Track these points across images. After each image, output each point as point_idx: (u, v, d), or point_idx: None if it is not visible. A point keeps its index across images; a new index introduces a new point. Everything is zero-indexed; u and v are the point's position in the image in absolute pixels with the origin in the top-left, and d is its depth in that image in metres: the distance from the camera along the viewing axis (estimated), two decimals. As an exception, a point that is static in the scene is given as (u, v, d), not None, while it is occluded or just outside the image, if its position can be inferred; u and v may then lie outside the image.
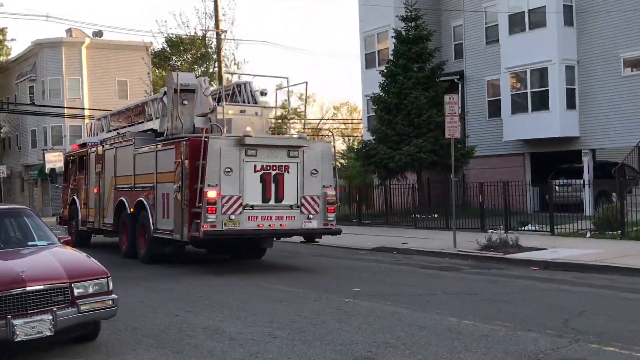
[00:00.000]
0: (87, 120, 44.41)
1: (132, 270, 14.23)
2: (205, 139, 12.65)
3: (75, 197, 19.92)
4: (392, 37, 29.35)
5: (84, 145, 20.21)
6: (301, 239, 13.76)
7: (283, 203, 13.09)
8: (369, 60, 33.34)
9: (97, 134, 21.32)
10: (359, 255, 17.12)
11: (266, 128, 14.76)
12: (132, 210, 15.18)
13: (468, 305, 9.42)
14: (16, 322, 6.51)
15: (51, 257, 7.57)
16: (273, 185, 12.99)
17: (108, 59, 49.44)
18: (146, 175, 15.06)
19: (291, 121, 59.29)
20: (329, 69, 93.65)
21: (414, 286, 11.39)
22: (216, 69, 34.41)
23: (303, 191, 13.23)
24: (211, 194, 12.49)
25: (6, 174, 46.70)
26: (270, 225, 12.97)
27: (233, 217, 12.65)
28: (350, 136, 61.78)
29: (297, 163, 13.21)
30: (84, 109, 44.84)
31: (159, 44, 56.80)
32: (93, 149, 18.71)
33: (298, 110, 62.74)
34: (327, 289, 11.23)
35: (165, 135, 14.91)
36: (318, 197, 13.33)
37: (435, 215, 24.24)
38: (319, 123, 60.58)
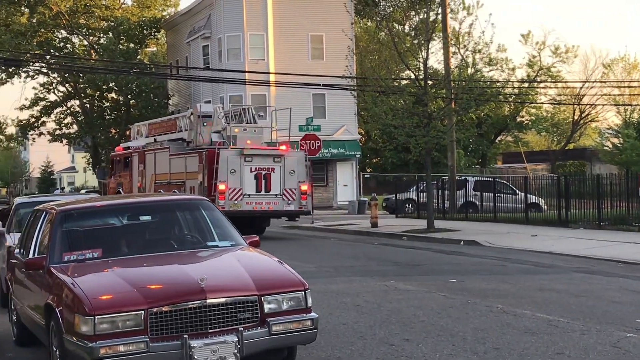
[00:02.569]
0: (272, 88, 47.00)
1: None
2: (218, 151, 26.48)
3: (120, 190, 33.68)
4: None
5: (127, 148, 34.81)
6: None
7: (270, 193, 26.66)
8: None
9: (136, 138, 36.87)
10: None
11: (262, 140, 29.04)
12: None
13: None
14: (194, 343, 7.09)
15: (236, 262, 8.11)
16: (263, 181, 26.57)
17: (299, 9, 51.47)
18: (178, 173, 29.00)
19: (541, 85, 57.51)
20: (590, 14, 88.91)
21: None
22: (438, 15, 34.38)
23: (284, 185, 26.81)
24: (221, 186, 26.24)
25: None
26: (261, 207, 26.58)
27: (236, 202, 26.21)
28: (628, 105, 58.18)
29: (280, 166, 26.82)
30: (268, 73, 47.40)
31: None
32: (135, 152, 33.18)
33: (551, 69, 60.47)
34: (596, 317, 10.84)
35: (192, 145, 29.32)
36: (295, 189, 27.01)
37: None
38: (581, 87, 57.92)
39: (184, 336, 7.09)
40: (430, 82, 29.95)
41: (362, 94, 31.23)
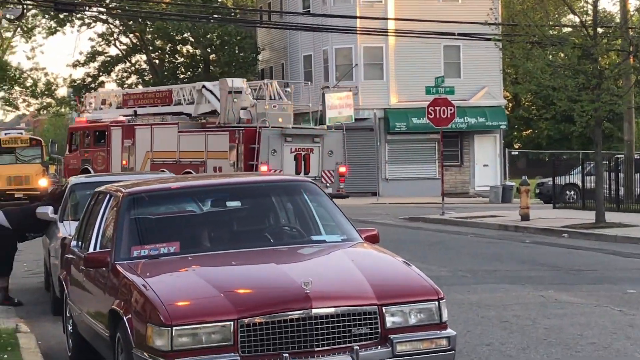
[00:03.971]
0: (390, 38, 46.85)
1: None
2: (259, 130, 30.87)
3: (88, 167, 38.10)
4: None
5: (93, 120, 40.52)
6: None
7: (309, 175, 29.90)
8: None
9: (100, 109, 41.54)
10: None
11: (291, 118, 34.15)
12: None
13: None
14: (297, 364, 7.19)
15: (349, 261, 8.16)
16: (303, 162, 31.63)
17: None
18: (194, 152, 33.70)
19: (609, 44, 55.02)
20: None
21: None
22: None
23: (323, 166, 31.94)
24: (263, 167, 30.35)
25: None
26: None
27: None
28: None
29: (319, 147, 32.03)
30: (386, 19, 47.25)
31: None
32: (117, 126, 37.98)
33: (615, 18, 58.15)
34: None
35: (218, 123, 33.67)
36: (333, 171, 32.29)
37: None
38: None
39: (284, 355, 7.19)
40: (601, 30, 29.29)
41: (510, 45, 30.82)
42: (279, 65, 58.51)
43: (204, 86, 36.05)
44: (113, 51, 65.93)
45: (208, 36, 59.84)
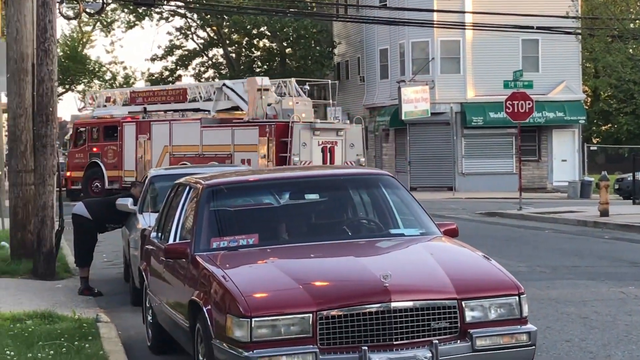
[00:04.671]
0: (467, 32, 46.56)
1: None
2: (292, 124, 33.85)
3: (97, 161, 40.85)
4: None
5: (98, 117, 43.34)
6: None
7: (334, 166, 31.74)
8: None
9: (103, 106, 44.33)
10: None
11: (312, 113, 37.24)
12: None
13: None
14: (375, 357, 7.19)
15: (428, 255, 8.15)
16: (329, 154, 34.44)
17: None
18: (218, 146, 36.39)
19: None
20: None
21: None
22: None
23: (345, 157, 34.73)
24: (295, 158, 33.41)
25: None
26: None
27: None
28: None
29: (342, 139, 35.07)
30: (464, 12, 46.96)
31: None
32: (130, 122, 40.58)
33: None
34: None
35: (247, 119, 36.84)
36: (353, 162, 34.71)
37: None
38: None
39: (363, 348, 7.19)
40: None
41: (590, 39, 30.46)
42: (355, 59, 58.50)
43: (224, 84, 39.67)
44: (190, 45, 66.57)
45: (284, 30, 60.06)
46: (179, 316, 8.85)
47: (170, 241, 9.49)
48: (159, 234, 10.51)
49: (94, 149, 41.59)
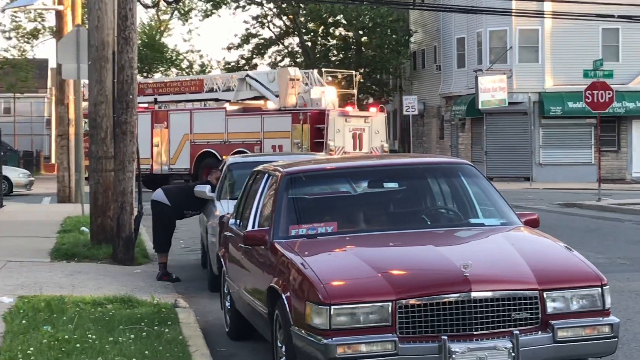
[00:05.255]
0: (546, 20, 46.05)
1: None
2: (328, 112, 36.50)
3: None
4: None
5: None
6: None
7: (362, 151, 36.87)
8: None
9: None
10: None
11: (337, 101, 39.56)
12: (224, 157, 30.01)
13: None
14: (455, 347, 7.16)
15: (509, 245, 8.10)
16: (358, 140, 37.09)
17: None
18: (245, 133, 38.67)
19: None
20: None
21: None
22: None
23: (372, 144, 37.36)
24: (332, 144, 35.78)
25: (417, 109, 51.30)
26: None
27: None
28: None
29: (368, 127, 37.79)
30: (542, 0, 46.35)
31: None
32: (144, 111, 40.32)
33: None
34: None
35: (277, 107, 38.77)
36: (378, 148, 37.37)
37: None
38: None
39: (443, 337, 7.17)
40: None
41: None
42: (432, 47, 58.19)
43: (248, 75, 41.57)
44: (266, 34, 66.74)
45: (360, 18, 59.94)
46: (257, 302, 8.90)
47: (249, 228, 9.55)
48: (237, 221, 10.58)
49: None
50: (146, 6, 43.02)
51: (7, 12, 62.84)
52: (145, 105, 42.08)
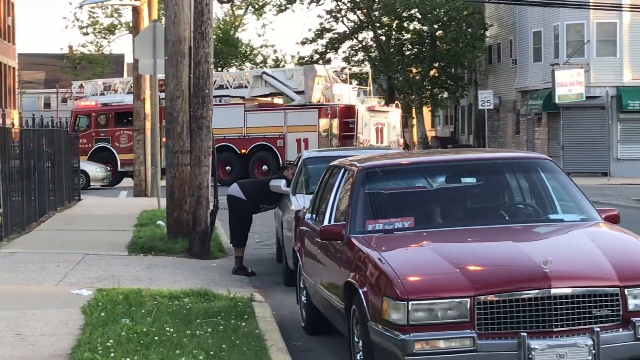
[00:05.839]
0: (624, 14, 45.39)
1: None
2: (357, 107, 40.50)
3: (107, 146, 43.05)
4: None
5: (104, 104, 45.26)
6: None
7: (383, 144, 39.85)
8: None
9: (102, 94, 46.07)
10: None
11: (355, 96, 44.38)
12: (243, 151, 39.85)
13: None
14: (534, 343, 7.10)
15: (589, 241, 8.02)
16: (379, 134, 41.26)
17: None
18: (266, 127, 40.84)
19: None
20: None
21: None
22: None
23: (390, 138, 41.97)
24: (361, 137, 39.49)
25: (492, 104, 50.92)
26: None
27: None
28: None
29: (387, 122, 42.49)
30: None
31: None
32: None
33: None
34: None
35: (301, 102, 41.31)
36: (394, 142, 41.91)
37: None
38: None
39: (522, 334, 7.12)
40: None
41: None
42: (507, 41, 57.71)
43: (264, 72, 43.74)
44: (340, 28, 66.76)
45: (435, 12, 59.63)
46: (333, 297, 8.91)
47: (325, 223, 9.56)
48: (314, 216, 10.60)
49: (101, 135, 43.40)
50: (221, 1, 43.57)
51: (84, 8, 64.06)
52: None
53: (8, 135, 17.94)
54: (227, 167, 40.92)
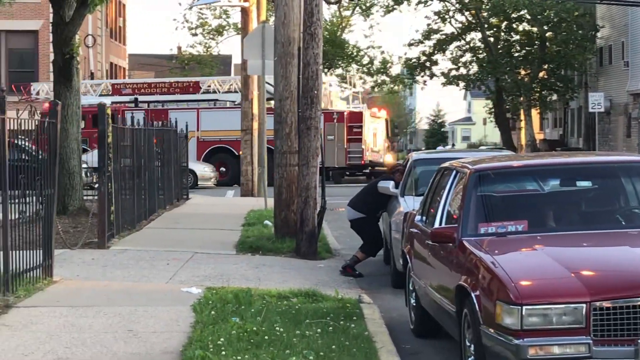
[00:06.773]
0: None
1: None
2: (364, 112, 46.78)
3: (84, 147, 45.18)
4: None
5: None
6: None
7: (376, 147, 47.74)
8: None
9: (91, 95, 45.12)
10: None
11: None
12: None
13: None
14: (655, 353, 6.98)
15: None
16: (375, 138, 47.42)
17: None
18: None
19: None
20: None
21: None
22: None
23: (379, 141, 48.81)
24: (367, 140, 45.88)
25: (603, 106, 50.04)
26: (375, 158, 46.50)
27: (370, 154, 46.16)
28: None
29: (379, 127, 48.81)
30: None
31: None
32: (128, 109, 37.19)
33: None
34: None
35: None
36: (382, 145, 49.37)
37: None
38: None
39: (639, 341, 6.99)
40: None
41: None
42: (619, 43, 56.67)
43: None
44: (448, 29, 66.34)
45: (545, 13, 58.90)
46: (444, 300, 8.86)
47: (436, 225, 9.52)
48: (424, 218, 10.55)
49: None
50: (329, 2, 43.83)
51: (194, 9, 65.00)
52: (119, 104, 42.61)
53: (120, 134, 18.30)
54: (222, 169, 42.43)
